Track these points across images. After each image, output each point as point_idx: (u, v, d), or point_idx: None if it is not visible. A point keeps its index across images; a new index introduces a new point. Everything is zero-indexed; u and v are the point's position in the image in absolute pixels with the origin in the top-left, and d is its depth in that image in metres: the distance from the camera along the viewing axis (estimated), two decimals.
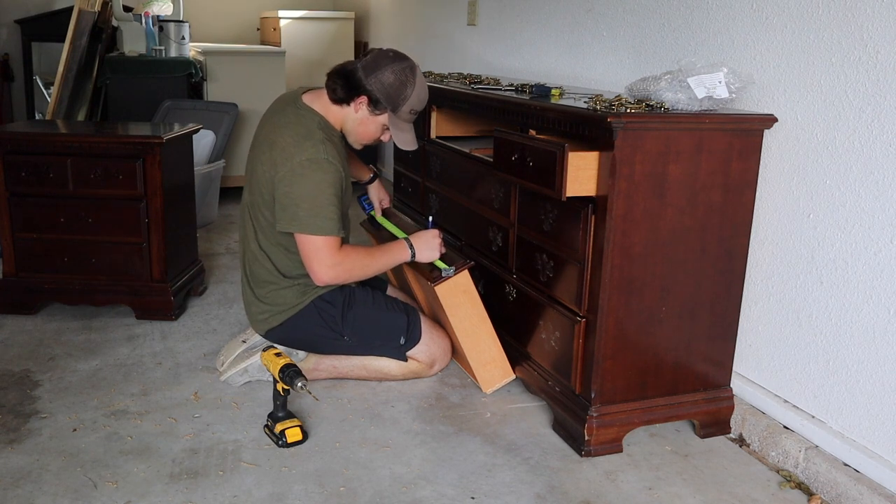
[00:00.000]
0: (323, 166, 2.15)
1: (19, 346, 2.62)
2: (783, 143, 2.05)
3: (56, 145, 2.81)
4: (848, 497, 1.85)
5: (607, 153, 1.89)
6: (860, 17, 1.82)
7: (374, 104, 2.22)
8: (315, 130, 2.20)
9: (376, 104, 2.22)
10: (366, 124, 2.27)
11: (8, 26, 5.56)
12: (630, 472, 1.99)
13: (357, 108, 2.24)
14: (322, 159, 2.15)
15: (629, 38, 2.66)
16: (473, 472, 1.96)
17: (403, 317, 2.37)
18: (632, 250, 1.94)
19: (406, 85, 2.20)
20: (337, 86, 2.23)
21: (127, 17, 4.90)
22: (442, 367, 2.46)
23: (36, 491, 1.82)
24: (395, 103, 2.21)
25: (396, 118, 2.25)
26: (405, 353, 2.38)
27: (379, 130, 2.29)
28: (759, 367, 2.18)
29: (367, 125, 2.27)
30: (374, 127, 2.28)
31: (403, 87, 2.20)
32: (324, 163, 2.15)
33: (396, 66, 2.20)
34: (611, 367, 2.01)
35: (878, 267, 1.82)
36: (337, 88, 2.23)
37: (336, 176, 2.17)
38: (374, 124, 2.27)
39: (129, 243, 2.82)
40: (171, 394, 2.32)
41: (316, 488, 1.87)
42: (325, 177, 2.15)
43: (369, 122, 2.27)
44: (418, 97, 2.25)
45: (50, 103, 4.42)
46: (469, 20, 3.96)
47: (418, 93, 2.24)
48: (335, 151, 2.21)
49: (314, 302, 2.31)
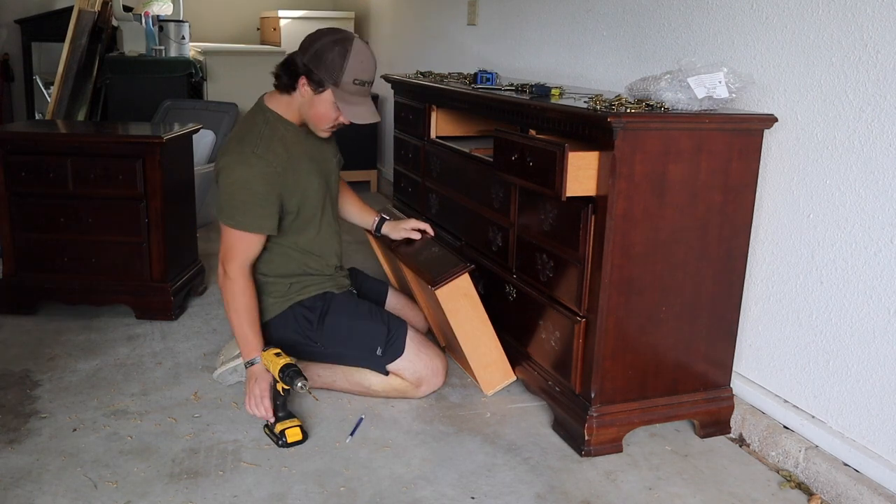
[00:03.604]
0: (248, 160, 2.14)
1: (19, 346, 2.62)
2: (783, 143, 2.05)
3: (56, 145, 2.81)
4: (848, 497, 1.85)
5: (607, 153, 1.89)
6: (860, 17, 1.82)
7: (315, 83, 2.13)
8: (257, 126, 2.20)
9: (318, 83, 2.13)
10: (315, 105, 2.18)
11: (8, 26, 5.56)
12: (630, 472, 1.99)
13: (302, 91, 2.17)
14: (250, 159, 2.14)
15: (629, 38, 2.66)
16: (473, 472, 1.96)
17: (383, 328, 2.28)
18: (632, 250, 1.94)
19: (341, 55, 2.11)
20: (281, 73, 2.21)
21: (127, 16, 4.91)
22: (431, 389, 2.34)
23: (36, 491, 1.82)
24: (335, 76, 2.12)
25: (342, 91, 2.14)
26: (385, 366, 2.30)
27: (332, 110, 2.19)
28: (759, 367, 2.18)
29: (317, 106, 2.18)
30: (324, 107, 2.18)
31: (339, 59, 2.10)
32: (251, 164, 2.13)
33: (327, 39, 2.12)
34: (611, 366, 2.01)
35: (878, 267, 1.82)
36: (281, 76, 2.21)
37: (264, 170, 2.14)
38: (323, 104, 2.18)
39: (129, 243, 2.82)
40: (171, 394, 2.32)
41: (316, 488, 1.87)
42: (249, 175, 2.13)
43: (318, 103, 2.18)
44: (360, 65, 2.13)
45: (50, 103, 4.42)
46: (469, 20, 3.96)
47: (359, 61, 2.13)
48: (277, 146, 2.18)
49: (293, 308, 2.28)
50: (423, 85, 3.06)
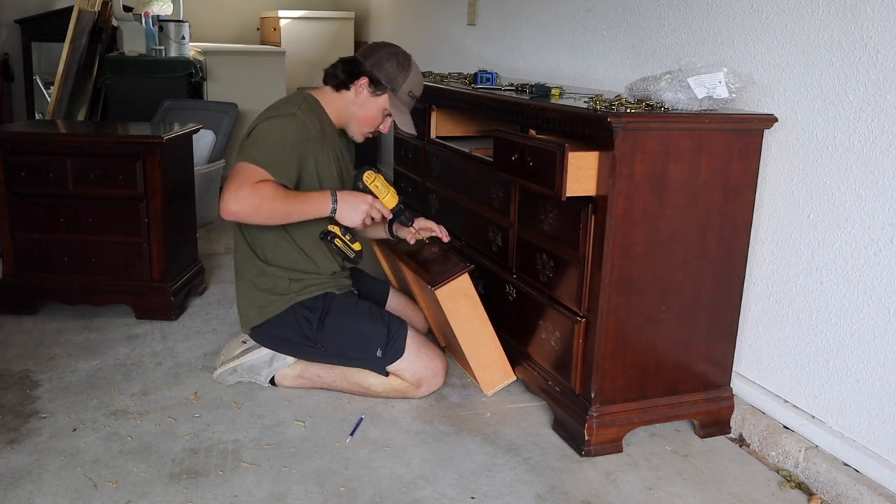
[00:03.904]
0: (287, 117, 2.20)
1: (19, 346, 2.62)
2: (783, 143, 2.05)
3: (56, 145, 2.81)
4: (848, 497, 1.85)
5: (607, 153, 1.89)
6: (860, 17, 1.82)
7: (374, 84, 2.28)
8: (297, 100, 2.27)
9: (377, 84, 2.28)
10: (367, 107, 2.30)
11: (8, 26, 5.56)
12: (630, 472, 1.99)
13: (358, 90, 2.29)
14: (288, 114, 2.20)
15: (629, 38, 2.66)
16: (473, 472, 1.96)
17: (383, 328, 2.29)
18: (632, 250, 1.94)
19: (403, 67, 2.29)
20: (338, 72, 2.30)
21: (127, 16, 4.91)
22: (431, 389, 2.34)
23: (36, 491, 1.82)
24: (395, 83, 2.28)
25: (397, 99, 2.31)
26: (385, 367, 2.29)
27: (380, 115, 2.32)
28: (759, 367, 2.18)
29: (369, 108, 2.31)
30: (374, 110, 2.31)
31: (401, 69, 2.29)
32: (289, 116, 2.20)
33: (391, 51, 2.31)
34: (611, 366, 2.01)
35: (878, 267, 1.82)
36: (338, 72, 2.30)
37: (300, 128, 2.19)
38: (374, 107, 2.31)
39: (129, 243, 2.82)
40: (171, 394, 2.32)
41: (316, 488, 1.87)
42: (286, 124, 2.18)
43: (370, 105, 2.30)
44: (416, 80, 2.33)
45: (50, 103, 4.42)
46: (469, 20, 3.97)
47: (415, 77, 2.33)
48: (314, 119, 2.24)
49: (293, 308, 2.28)
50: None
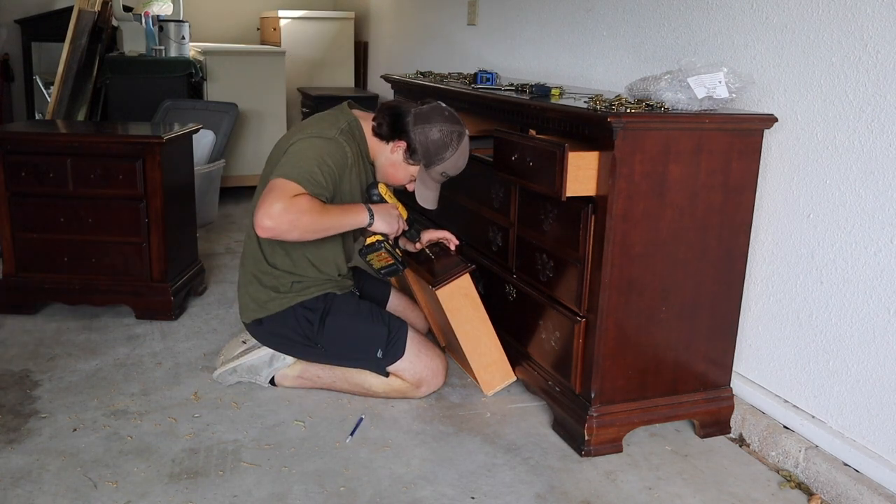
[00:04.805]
0: (328, 140, 2.15)
1: (19, 346, 2.62)
2: (783, 143, 2.05)
3: (56, 145, 2.80)
4: (848, 497, 1.85)
5: (607, 153, 1.89)
6: (860, 17, 1.82)
7: (410, 153, 2.22)
8: (342, 123, 2.22)
9: (413, 154, 2.22)
10: (396, 168, 2.27)
11: (8, 26, 5.56)
12: (630, 472, 1.99)
13: (394, 149, 2.24)
14: (332, 137, 2.16)
15: (629, 38, 2.66)
16: (473, 472, 1.96)
17: (383, 329, 2.28)
18: (632, 250, 1.94)
19: (448, 147, 2.21)
20: (384, 122, 2.24)
21: (127, 16, 4.90)
22: (431, 389, 2.34)
23: (36, 491, 1.82)
24: (431, 160, 2.22)
25: (426, 175, 2.26)
26: (385, 368, 2.29)
27: (407, 178, 2.28)
28: (759, 367, 2.18)
29: (398, 169, 2.27)
30: (403, 173, 2.27)
31: (444, 148, 2.21)
32: (330, 140, 2.15)
33: (445, 127, 2.21)
34: (611, 366, 2.01)
35: (878, 266, 1.82)
36: (383, 124, 2.24)
37: (340, 154, 2.16)
38: (403, 171, 2.27)
39: (129, 243, 2.82)
40: (171, 394, 2.32)
41: (316, 488, 1.87)
42: (327, 146, 2.14)
43: (400, 168, 2.26)
44: (455, 164, 2.25)
45: (50, 103, 4.42)
46: (469, 20, 3.97)
47: (456, 160, 2.24)
48: (354, 147, 2.21)
49: (294, 308, 2.28)
50: (422, 85, 3.06)
